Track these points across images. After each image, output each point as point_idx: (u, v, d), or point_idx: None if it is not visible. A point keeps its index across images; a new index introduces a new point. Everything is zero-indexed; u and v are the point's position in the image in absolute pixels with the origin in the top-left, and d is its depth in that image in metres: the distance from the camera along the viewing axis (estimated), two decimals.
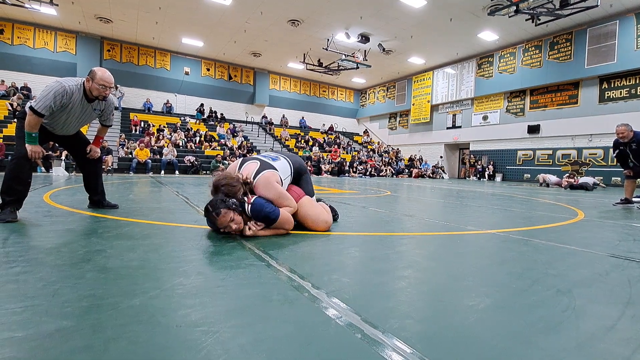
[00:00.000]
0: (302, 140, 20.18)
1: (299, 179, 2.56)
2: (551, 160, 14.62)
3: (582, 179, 10.61)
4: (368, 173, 17.70)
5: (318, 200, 2.76)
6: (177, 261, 1.57)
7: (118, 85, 17.34)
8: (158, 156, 13.26)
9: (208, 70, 19.87)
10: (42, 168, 10.61)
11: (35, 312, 1.00)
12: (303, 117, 23.21)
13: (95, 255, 1.61)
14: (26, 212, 2.75)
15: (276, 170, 2.24)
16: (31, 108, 2.45)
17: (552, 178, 11.86)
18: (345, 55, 15.74)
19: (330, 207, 2.83)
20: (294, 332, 0.92)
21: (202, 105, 19.74)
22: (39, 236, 2.03)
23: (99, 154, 3.06)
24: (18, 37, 15.24)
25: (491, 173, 16.47)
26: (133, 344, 0.84)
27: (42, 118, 2.49)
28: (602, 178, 12.20)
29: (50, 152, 10.70)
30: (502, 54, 16.08)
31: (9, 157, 10.48)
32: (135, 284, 1.26)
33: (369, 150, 21.99)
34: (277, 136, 19.74)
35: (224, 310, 1.05)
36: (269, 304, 1.11)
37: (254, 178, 2.16)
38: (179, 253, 1.71)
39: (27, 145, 2.49)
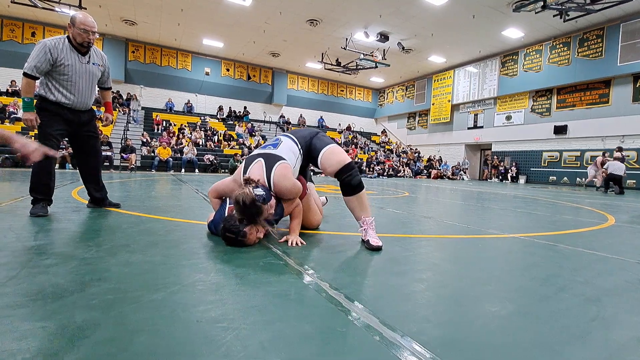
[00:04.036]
0: None
1: (310, 144, 2.17)
2: (579, 162, 14.05)
3: (611, 167, 9.47)
4: (385, 173, 17.54)
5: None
6: (197, 258, 1.60)
7: (138, 93, 17.79)
8: (179, 155, 13.58)
9: (228, 70, 20.19)
10: (70, 165, 11.05)
11: (64, 303, 1.04)
12: (321, 117, 23.23)
13: (120, 250, 1.66)
14: (56, 208, 2.87)
15: (283, 159, 1.98)
16: (23, 73, 2.52)
17: (592, 171, 11.21)
18: (363, 54, 15.64)
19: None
20: (312, 332, 0.92)
21: (245, 108, 20.43)
22: (67, 230, 2.11)
23: (111, 121, 3.13)
24: None
25: (514, 175, 15.98)
26: (155, 337, 0.86)
27: (33, 81, 2.53)
28: (634, 181, 11.63)
29: None
30: (528, 51, 15.57)
31: None
32: (157, 278, 1.30)
33: (387, 150, 21.78)
34: None
35: (243, 307, 1.06)
36: (287, 302, 1.11)
37: (268, 179, 1.92)
38: (199, 250, 1.74)
39: (23, 113, 2.55)
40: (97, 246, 1.73)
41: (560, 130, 14.53)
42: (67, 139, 2.88)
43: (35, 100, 2.62)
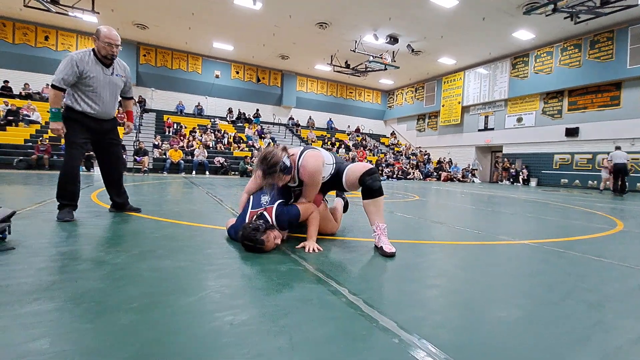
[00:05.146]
0: (329, 142, 20.28)
1: (337, 168, 2.28)
2: (591, 165, 13.89)
3: (615, 158, 9.84)
4: (395, 176, 17.54)
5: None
6: (220, 263, 1.70)
7: (149, 95, 18.05)
8: (190, 157, 13.79)
9: (237, 73, 20.44)
10: (84, 167, 11.32)
11: (108, 306, 1.14)
12: (330, 119, 23.33)
13: (148, 255, 1.77)
14: (80, 212, 2.99)
15: (318, 150, 2.20)
16: (51, 85, 2.68)
17: (605, 174, 11.29)
18: (373, 56, 15.70)
19: (345, 200, 2.95)
20: (335, 334, 1.01)
21: (257, 110, 20.74)
22: (95, 235, 2.23)
23: (133, 129, 3.26)
24: (62, 44, 16.35)
25: (525, 177, 15.85)
26: (194, 339, 0.96)
27: (61, 92, 2.68)
28: None
29: (91, 153, 11.40)
30: (539, 53, 15.46)
31: (54, 157, 11.28)
32: (187, 283, 1.40)
33: (396, 152, 21.77)
34: (303, 137, 19.97)
35: (270, 311, 1.15)
36: (310, 307, 1.20)
37: (299, 158, 2.11)
38: (221, 255, 1.84)
39: (50, 122, 2.71)
40: (125, 251, 1.84)
41: (571, 132, 14.39)
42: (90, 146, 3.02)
43: (61, 110, 2.77)
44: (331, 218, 2.45)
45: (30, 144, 11.82)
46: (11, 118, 12.85)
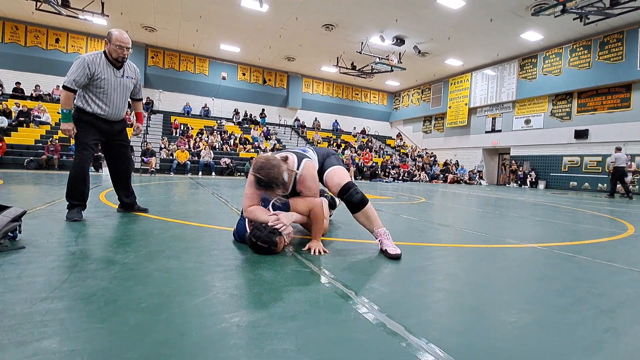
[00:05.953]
0: (334, 144, 20.28)
1: (322, 162, 2.30)
2: (600, 168, 13.69)
3: (619, 160, 10.12)
4: (401, 178, 17.45)
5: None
6: (227, 264, 1.71)
7: (157, 97, 18.26)
8: (196, 158, 13.88)
9: (244, 74, 20.55)
10: (92, 168, 11.45)
11: (117, 306, 1.15)
12: (336, 120, 23.32)
13: (157, 256, 1.78)
14: (88, 212, 3.03)
15: (310, 158, 2.17)
16: (62, 86, 2.70)
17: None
18: (379, 58, 15.67)
19: (331, 197, 2.96)
20: (342, 337, 1.01)
21: (263, 111, 20.73)
22: (104, 235, 2.26)
23: (142, 130, 3.27)
24: (72, 46, 16.60)
25: (533, 180, 15.67)
26: (203, 339, 0.96)
27: (72, 93, 2.70)
28: None
29: (100, 153, 11.54)
30: (547, 54, 15.30)
31: (64, 157, 11.42)
32: (195, 284, 1.40)
33: (402, 154, 21.68)
34: (309, 139, 19.99)
35: (278, 313, 1.15)
36: (317, 309, 1.20)
37: (298, 168, 2.08)
38: (228, 256, 1.85)
39: (62, 123, 2.74)
40: (134, 252, 1.85)
41: (581, 134, 14.20)
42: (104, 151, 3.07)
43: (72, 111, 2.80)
44: (326, 216, 2.46)
45: (41, 144, 11.99)
46: (22, 119, 13.06)
